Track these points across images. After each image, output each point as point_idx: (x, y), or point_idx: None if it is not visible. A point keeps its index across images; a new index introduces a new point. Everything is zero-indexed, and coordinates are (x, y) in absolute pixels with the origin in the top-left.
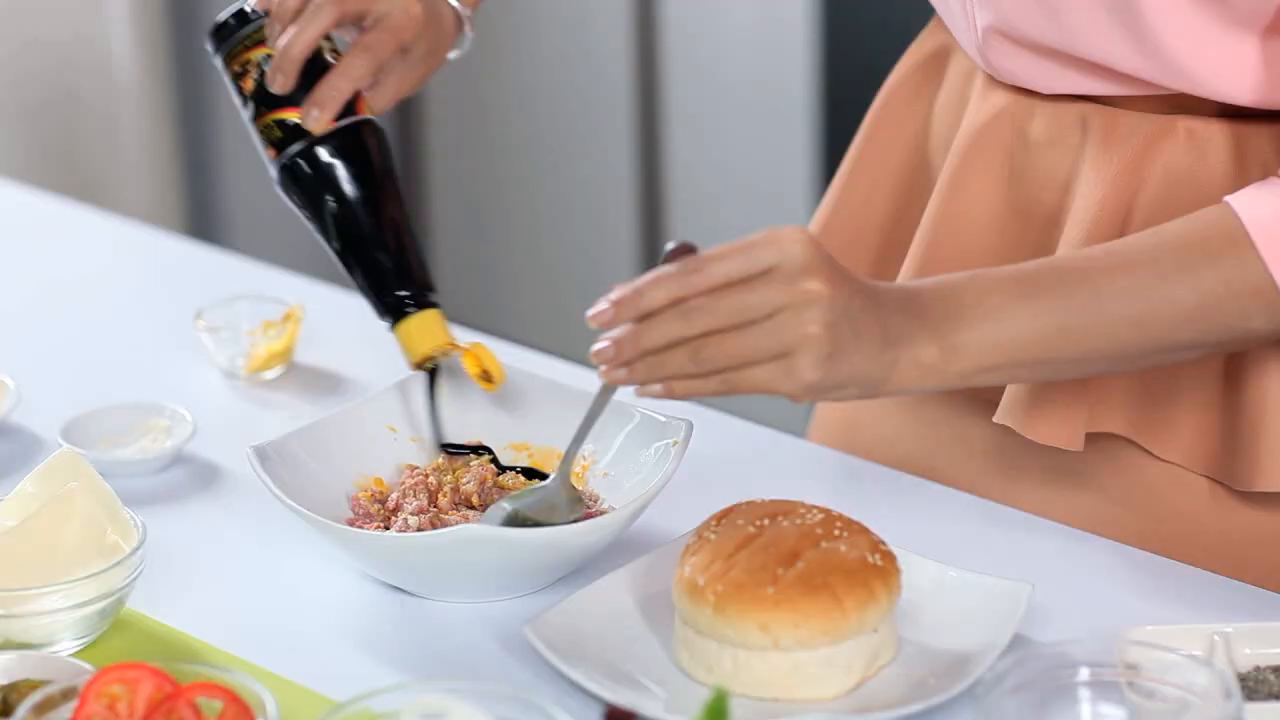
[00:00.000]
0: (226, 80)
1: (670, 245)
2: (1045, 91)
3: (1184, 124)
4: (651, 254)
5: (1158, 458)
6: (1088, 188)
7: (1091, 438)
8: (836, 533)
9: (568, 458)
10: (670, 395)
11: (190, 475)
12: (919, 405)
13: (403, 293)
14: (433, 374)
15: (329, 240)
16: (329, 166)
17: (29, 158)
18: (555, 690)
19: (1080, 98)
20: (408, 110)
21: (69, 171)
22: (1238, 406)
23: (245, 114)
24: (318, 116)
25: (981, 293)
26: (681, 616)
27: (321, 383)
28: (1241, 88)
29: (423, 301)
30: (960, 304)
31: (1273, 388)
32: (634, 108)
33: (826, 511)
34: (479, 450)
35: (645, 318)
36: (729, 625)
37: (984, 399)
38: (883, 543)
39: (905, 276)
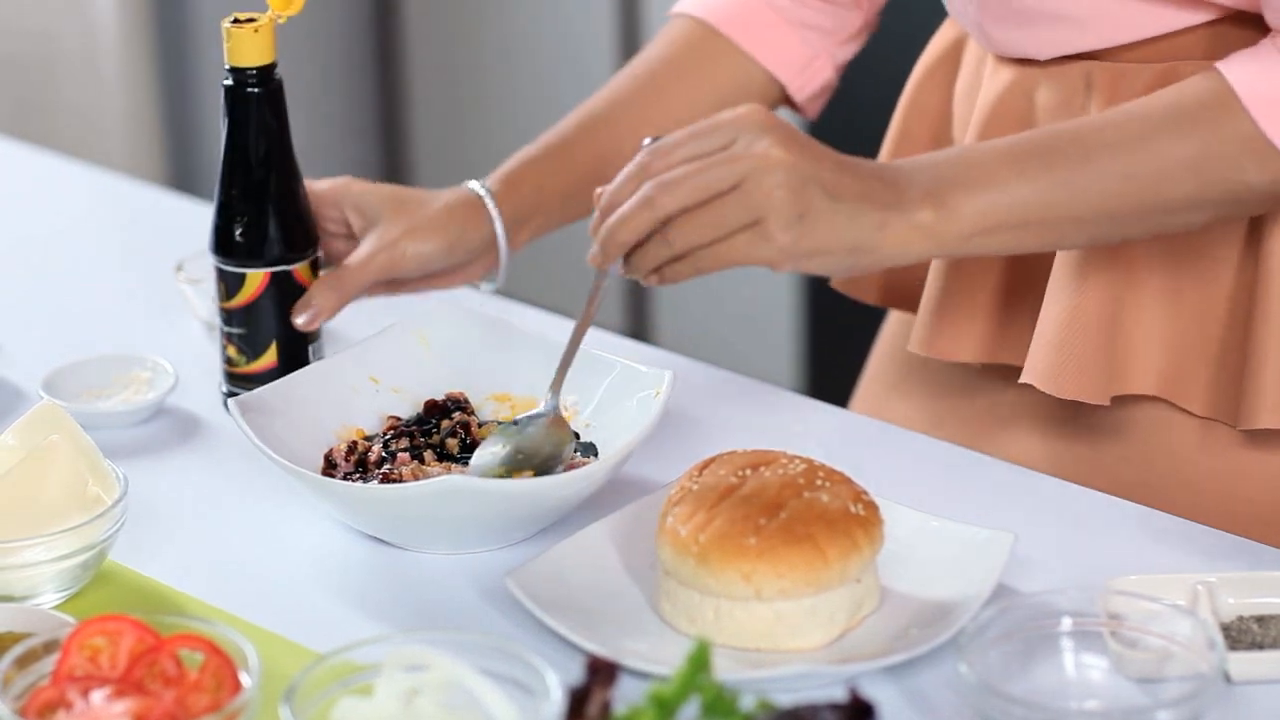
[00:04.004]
0: None
1: (645, 141)
2: (1044, 57)
3: (1189, 69)
4: None
5: (1184, 410)
6: None
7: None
8: (819, 483)
9: (560, 372)
10: (661, 282)
11: (172, 427)
12: (937, 377)
13: None
14: None
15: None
16: None
17: (7, 108)
18: (537, 641)
19: (1080, 59)
20: (390, 50)
21: (49, 122)
22: (1243, 347)
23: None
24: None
25: (974, 159)
26: (664, 567)
27: None
28: None
29: None
30: (954, 168)
31: (1275, 327)
32: (616, 57)
33: (809, 461)
34: (459, 404)
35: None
36: (712, 576)
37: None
38: (865, 493)
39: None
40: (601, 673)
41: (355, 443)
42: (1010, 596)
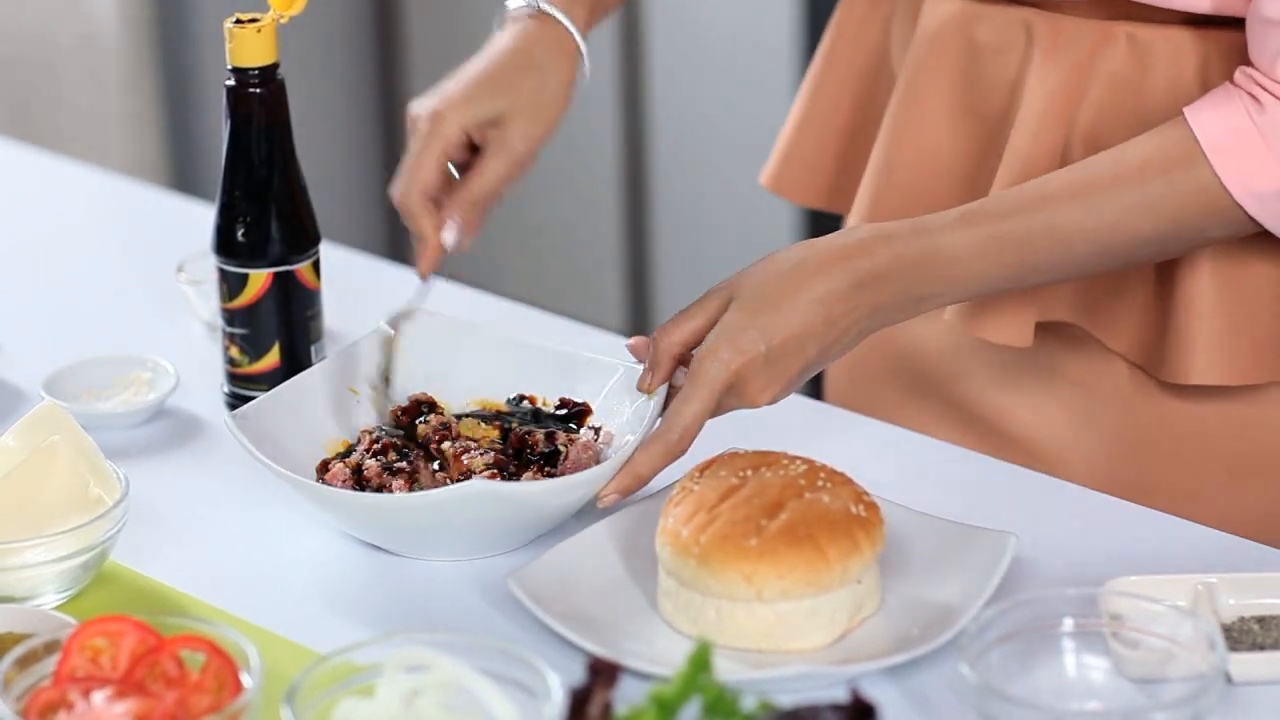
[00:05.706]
0: None
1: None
2: None
3: (1124, 30)
4: (635, 205)
5: (1106, 347)
6: (1034, 93)
7: (1041, 342)
8: (820, 483)
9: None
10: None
11: (173, 428)
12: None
13: None
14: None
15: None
16: None
17: (7, 109)
18: (539, 642)
19: (1024, 3)
20: (390, 50)
21: (49, 123)
22: (1170, 300)
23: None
24: None
25: (952, 255)
26: (665, 568)
27: None
28: None
29: None
30: (932, 269)
31: (1203, 281)
32: (617, 55)
33: (810, 462)
34: (430, 406)
35: None
36: (713, 577)
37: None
38: (866, 493)
39: (868, 183)
40: (603, 674)
41: (352, 448)
42: (1011, 597)
